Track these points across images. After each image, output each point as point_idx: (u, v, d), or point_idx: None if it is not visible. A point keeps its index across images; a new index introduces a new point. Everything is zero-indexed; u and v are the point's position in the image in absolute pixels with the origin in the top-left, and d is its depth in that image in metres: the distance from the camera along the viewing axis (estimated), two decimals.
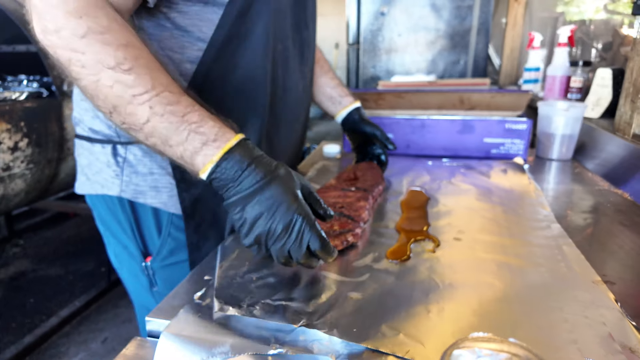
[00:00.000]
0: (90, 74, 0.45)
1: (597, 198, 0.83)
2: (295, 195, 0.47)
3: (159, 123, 0.46)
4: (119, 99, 0.45)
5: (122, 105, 0.46)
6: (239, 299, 0.48)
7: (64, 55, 0.45)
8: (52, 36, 0.44)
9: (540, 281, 0.52)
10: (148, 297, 0.78)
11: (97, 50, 0.44)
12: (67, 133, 1.79)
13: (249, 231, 0.47)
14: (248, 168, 0.46)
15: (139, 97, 0.45)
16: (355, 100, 0.95)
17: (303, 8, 0.75)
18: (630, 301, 0.49)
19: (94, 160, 0.71)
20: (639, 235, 0.66)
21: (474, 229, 0.68)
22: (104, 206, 0.74)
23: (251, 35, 0.62)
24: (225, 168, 0.46)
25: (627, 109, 0.95)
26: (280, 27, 0.69)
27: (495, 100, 1.11)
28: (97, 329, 1.82)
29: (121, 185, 0.69)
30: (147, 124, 0.46)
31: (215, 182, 0.48)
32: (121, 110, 0.46)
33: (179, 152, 0.47)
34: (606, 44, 1.74)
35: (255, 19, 0.62)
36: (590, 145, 1.07)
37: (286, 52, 0.72)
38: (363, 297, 0.49)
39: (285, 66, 0.73)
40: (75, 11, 0.44)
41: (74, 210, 2.40)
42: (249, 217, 0.46)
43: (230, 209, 0.48)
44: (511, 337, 0.40)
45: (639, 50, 0.91)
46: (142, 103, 0.45)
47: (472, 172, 0.98)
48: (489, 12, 1.96)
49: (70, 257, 2.42)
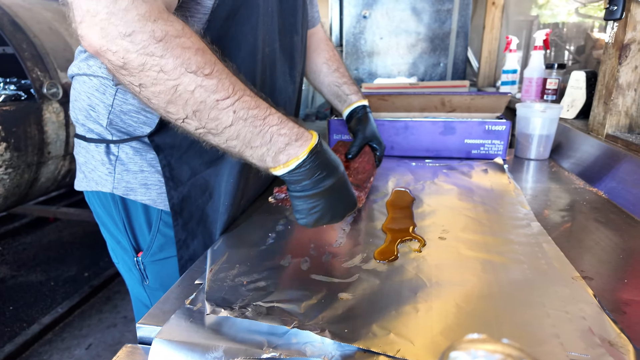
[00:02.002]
0: (169, 78, 0.44)
1: (573, 196, 0.86)
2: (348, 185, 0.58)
3: (243, 127, 0.47)
4: (202, 104, 0.45)
5: (204, 110, 0.45)
6: (230, 302, 0.49)
7: (137, 60, 0.43)
8: (123, 40, 0.42)
9: (523, 278, 0.54)
10: (141, 291, 0.80)
11: (177, 54, 0.43)
12: (48, 137, 1.75)
13: (319, 218, 0.56)
14: (321, 167, 0.52)
15: (222, 101, 0.45)
16: (358, 100, 0.93)
17: (293, 13, 0.76)
18: (607, 295, 0.51)
19: (89, 158, 0.72)
20: (614, 231, 0.69)
21: (457, 228, 0.70)
22: (98, 203, 0.75)
23: (239, 38, 0.63)
24: (306, 165, 0.51)
25: (600, 110, 0.99)
26: (269, 31, 0.70)
27: (475, 103, 1.13)
28: (80, 335, 1.79)
29: (113, 182, 0.70)
30: (230, 127, 0.46)
31: (292, 176, 0.52)
32: (202, 115, 0.46)
33: (261, 152, 0.49)
34: (579, 47, 1.80)
35: (244, 22, 0.63)
36: (566, 145, 1.11)
37: (273, 55, 0.73)
38: (353, 297, 0.50)
39: (273, 69, 0.74)
40: (148, 14, 0.43)
41: (54, 215, 2.34)
42: (323, 206, 0.55)
43: (303, 199, 0.54)
44: (504, 338, 0.41)
45: (611, 54, 0.95)
46: (225, 108, 0.46)
47: (454, 173, 1.01)
48: (467, 15, 2.00)
49: (51, 263, 2.36)
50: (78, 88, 0.71)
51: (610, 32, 0.95)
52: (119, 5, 0.41)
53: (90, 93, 0.68)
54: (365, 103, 0.94)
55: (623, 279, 0.55)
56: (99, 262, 2.35)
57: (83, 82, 0.69)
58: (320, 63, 0.98)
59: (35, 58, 1.75)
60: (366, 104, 0.94)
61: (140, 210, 0.72)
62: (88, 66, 0.68)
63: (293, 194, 0.54)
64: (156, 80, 0.44)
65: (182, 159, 0.68)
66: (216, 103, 0.45)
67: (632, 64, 0.91)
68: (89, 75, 0.68)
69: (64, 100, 1.82)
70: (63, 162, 1.90)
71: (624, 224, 0.72)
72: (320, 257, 0.61)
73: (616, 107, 0.95)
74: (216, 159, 0.70)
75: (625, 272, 0.58)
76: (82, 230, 2.76)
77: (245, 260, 0.59)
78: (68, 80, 1.87)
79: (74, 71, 0.71)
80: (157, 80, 0.44)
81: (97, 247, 2.50)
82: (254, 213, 0.78)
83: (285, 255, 0.61)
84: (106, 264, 2.31)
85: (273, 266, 0.58)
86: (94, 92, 0.68)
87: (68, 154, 1.91)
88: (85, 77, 0.69)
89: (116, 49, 0.42)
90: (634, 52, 0.90)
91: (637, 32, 0.89)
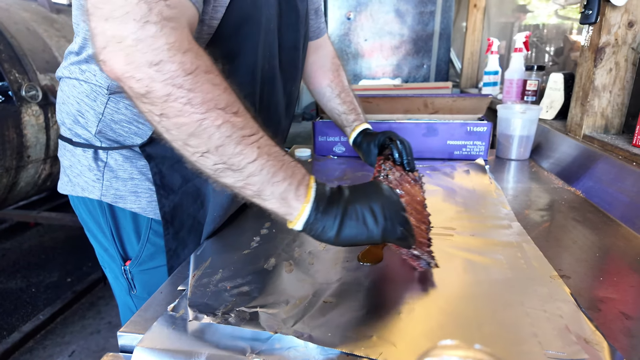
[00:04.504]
0: (195, 112, 0.43)
1: (552, 196, 0.88)
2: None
3: (265, 162, 0.46)
4: (227, 138, 0.44)
5: (228, 145, 0.45)
6: (213, 308, 0.48)
7: (162, 90, 0.41)
8: (150, 69, 0.41)
9: (503, 278, 0.55)
10: (129, 299, 0.78)
11: (207, 89, 0.43)
12: (27, 140, 1.71)
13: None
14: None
15: (247, 138, 0.45)
16: (359, 124, 0.88)
17: (295, 29, 0.75)
18: (584, 293, 0.52)
19: (75, 163, 0.70)
20: (591, 230, 0.71)
21: (440, 228, 0.71)
22: (84, 208, 0.73)
23: (241, 55, 0.62)
24: (322, 190, 0.50)
25: (578, 112, 1.02)
26: (270, 47, 0.69)
27: (457, 104, 1.15)
28: (63, 343, 1.75)
29: (102, 189, 0.69)
30: (253, 162, 0.46)
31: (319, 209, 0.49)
32: (226, 150, 0.45)
33: (282, 189, 0.48)
34: (558, 49, 1.85)
35: (246, 39, 0.62)
36: (546, 146, 1.14)
37: (273, 70, 0.73)
38: (337, 300, 0.50)
39: (271, 85, 0.74)
40: (178, 44, 0.42)
41: (34, 220, 2.29)
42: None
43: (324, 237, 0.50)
44: (477, 344, 0.42)
45: (587, 57, 0.97)
46: (250, 144, 0.46)
47: (437, 174, 1.02)
48: (450, 18, 2.03)
49: (32, 269, 2.31)
50: (67, 91, 0.68)
51: (586, 35, 0.97)
52: (147, 32, 0.40)
53: (80, 99, 0.66)
54: (365, 127, 0.88)
55: (599, 277, 0.57)
56: (82, 266, 2.31)
57: (73, 86, 0.67)
58: (325, 85, 0.94)
59: (12, 60, 1.71)
60: (364, 129, 0.87)
61: (129, 218, 0.71)
62: (81, 71, 0.66)
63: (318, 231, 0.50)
64: (181, 112, 0.42)
65: (174, 167, 0.67)
66: (242, 139, 0.45)
67: (607, 66, 0.94)
68: (80, 80, 0.66)
69: (44, 102, 1.78)
70: (44, 166, 1.87)
71: (600, 222, 0.74)
72: (304, 260, 0.61)
73: (592, 108, 0.98)
74: None
75: (601, 270, 0.59)
76: (64, 234, 2.70)
77: (229, 264, 0.59)
78: (48, 82, 1.84)
79: (64, 73, 0.69)
80: (181, 113, 0.42)
81: (80, 251, 2.46)
82: (239, 216, 0.78)
83: (270, 259, 0.61)
84: (89, 269, 2.27)
85: (257, 270, 0.58)
86: (84, 98, 0.66)
87: (49, 158, 1.87)
88: (76, 82, 0.67)
89: (141, 76, 0.41)
90: (608, 55, 0.93)
91: (612, 36, 0.92)
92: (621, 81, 0.95)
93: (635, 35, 0.91)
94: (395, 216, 0.50)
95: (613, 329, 0.46)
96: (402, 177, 0.76)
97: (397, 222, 0.50)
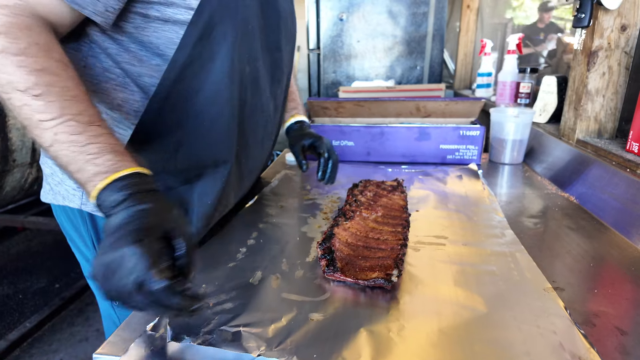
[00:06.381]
0: (2, 91, 0.46)
1: (546, 202, 0.87)
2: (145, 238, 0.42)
3: (60, 150, 0.47)
4: (27, 120, 0.47)
5: (30, 126, 0.47)
6: (194, 327, 0.46)
7: None
8: None
9: (495, 291, 0.54)
10: (111, 311, 0.76)
11: (9, 71, 0.45)
12: (12, 144, 1.67)
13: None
14: (124, 202, 0.45)
15: (45, 122, 0.46)
16: (294, 115, 0.97)
17: (276, 30, 0.74)
18: (578, 307, 0.51)
19: (56, 171, 0.69)
20: (585, 238, 0.70)
21: (432, 237, 0.69)
22: (65, 217, 0.72)
23: (215, 58, 0.60)
24: (105, 198, 0.46)
25: (571, 116, 1.01)
26: (250, 49, 0.67)
27: (450, 108, 1.14)
28: (50, 351, 1.72)
29: (82, 198, 0.67)
30: (50, 147, 0.47)
31: (101, 210, 0.47)
32: (30, 130, 0.48)
33: (76, 178, 0.48)
34: (551, 51, 1.84)
35: (219, 42, 0.60)
36: (539, 150, 1.13)
37: (256, 73, 0.71)
38: (324, 317, 0.48)
39: (255, 87, 0.72)
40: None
41: (22, 224, 2.24)
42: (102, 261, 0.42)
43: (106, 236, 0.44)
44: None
45: (580, 60, 0.96)
46: (47, 129, 0.47)
47: (430, 179, 1.01)
48: (443, 18, 2.02)
49: (19, 274, 2.26)
50: None
51: (579, 39, 0.96)
52: None
53: None
54: (298, 119, 0.96)
55: (593, 289, 0.55)
56: (70, 272, 2.27)
57: None
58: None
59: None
60: (298, 120, 0.96)
61: None
62: None
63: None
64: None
65: (157, 177, 0.65)
66: (39, 123, 0.46)
67: (600, 70, 0.93)
68: None
69: None
70: (30, 170, 1.83)
71: (594, 230, 0.73)
72: (292, 273, 0.59)
73: (586, 112, 0.97)
74: (192, 177, 0.67)
75: (595, 281, 0.58)
76: (52, 239, 2.66)
77: (213, 279, 0.57)
78: None
79: None
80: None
81: (69, 256, 2.39)
82: (225, 225, 0.75)
83: (256, 272, 0.59)
84: (78, 275, 2.23)
85: (242, 285, 0.56)
86: None
87: (35, 162, 1.84)
88: None
89: None
90: (601, 58, 0.92)
91: (605, 40, 0.91)
92: (614, 85, 0.94)
93: (628, 39, 0.90)
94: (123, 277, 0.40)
95: (608, 345, 0.44)
96: (376, 194, 0.82)
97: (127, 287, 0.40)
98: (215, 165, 0.67)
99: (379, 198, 0.83)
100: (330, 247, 0.60)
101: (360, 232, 0.68)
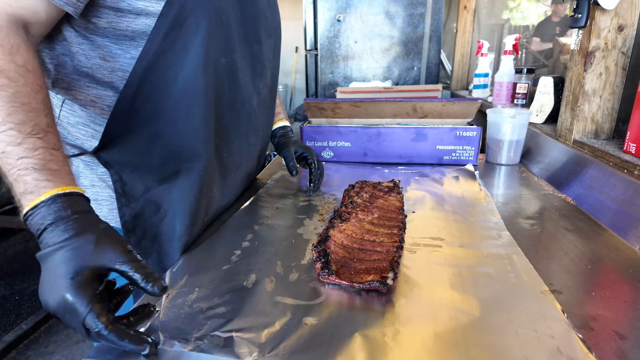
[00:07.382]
0: None
1: (542, 203, 0.86)
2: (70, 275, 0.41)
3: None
4: None
5: None
6: (186, 332, 0.46)
7: None
8: None
9: (492, 294, 0.53)
10: None
11: None
12: None
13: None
14: (50, 226, 0.44)
15: None
16: (281, 119, 1.02)
17: (253, 22, 0.74)
18: (575, 310, 0.50)
19: None
20: (582, 240, 0.69)
21: (428, 239, 0.68)
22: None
23: (189, 48, 0.60)
24: (30, 221, 0.45)
25: (568, 116, 1.00)
26: (226, 41, 0.67)
27: (447, 109, 1.13)
28: (46, 353, 1.70)
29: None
30: None
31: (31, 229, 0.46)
32: None
33: (13, 190, 0.46)
34: (547, 51, 1.84)
35: (192, 32, 0.60)
36: (536, 151, 1.12)
37: (232, 65, 0.70)
38: (318, 322, 0.48)
39: (233, 80, 0.71)
40: None
41: (18, 225, 2.23)
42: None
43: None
44: None
45: (577, 61, 0.96)
46: None
47: (426, 180, 1.00)
48: (440, 19, 2.01)
49: (16, 276, 2.25)
50: None
51: (576, 39, 0.96)
52: None
53: None
54: (284, 124, 1.01)
55: (591, 292, 0.55)
56: None
57: None
58: None
59: None
60: (286, 125, 1.01)
61: None
62: None
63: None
64: None
65: (134, 175, 0.65)
66: None
67: (597, 70, 0.93)
68: None
69: None
70: None
71: (591, 231, 0.72)
72: (286, 276, 0.58)
73: (582, 113, 0.96)
74: (169, 175, 0.66)
75: (593, 283, 0.57)
76: None
77: (206, 282, 0.56)
78: None
79: None
80: None
81: None
82: (220, 227, 0.75)
83: (250, 275, 0.58)
84: None
85: (236, 288, 0.55)
86: None
87: None
88: None
89: None
90: (598, 59, 0.92)
91: (601, 40, 0.90)
92: (611, 86, 0.93)
93: (625, 39, 0.90)
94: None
95: (606, 350, 0.44)
96: (372, 195, 0.81)
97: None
98: (192, 159, 0.66)
99: (375, 199, 0.82)
100: (325, 250, 0.60)
101: (355, 234, 0.67)
